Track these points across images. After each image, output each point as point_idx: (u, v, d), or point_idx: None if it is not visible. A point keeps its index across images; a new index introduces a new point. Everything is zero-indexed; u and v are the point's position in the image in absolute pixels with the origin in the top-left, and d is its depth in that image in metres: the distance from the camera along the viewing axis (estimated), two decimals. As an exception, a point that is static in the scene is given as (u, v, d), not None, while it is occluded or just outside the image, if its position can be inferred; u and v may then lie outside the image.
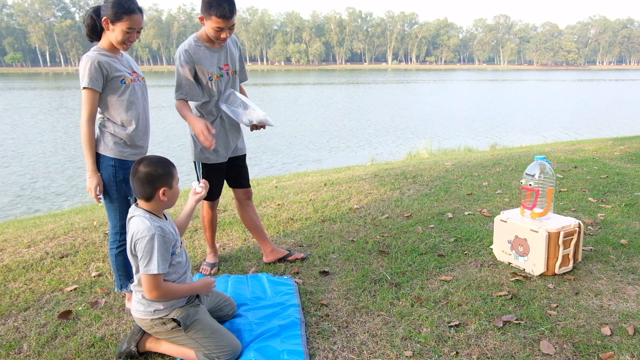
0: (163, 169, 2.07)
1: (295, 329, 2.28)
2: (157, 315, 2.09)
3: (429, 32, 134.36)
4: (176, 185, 2.13)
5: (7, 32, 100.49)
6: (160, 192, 2.06)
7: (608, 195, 4.40)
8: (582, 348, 2.12)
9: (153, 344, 2.18)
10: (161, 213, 2.15)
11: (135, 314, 2.14)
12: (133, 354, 2.14)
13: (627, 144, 7.43)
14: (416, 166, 6.12)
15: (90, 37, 2.46)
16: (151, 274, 1.97)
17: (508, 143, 12.80)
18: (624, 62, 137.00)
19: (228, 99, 2.83)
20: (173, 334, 2.11)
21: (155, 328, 2.11)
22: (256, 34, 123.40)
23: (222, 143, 2.90)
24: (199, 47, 2.73)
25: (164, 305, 2.09)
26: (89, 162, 2.41)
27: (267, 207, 4.43)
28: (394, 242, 3.42)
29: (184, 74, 2.71)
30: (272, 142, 14.73)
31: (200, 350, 2.08)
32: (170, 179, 2.09)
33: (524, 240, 2.86)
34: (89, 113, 2.38)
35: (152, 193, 2.06)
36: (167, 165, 2.10)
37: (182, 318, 2.08)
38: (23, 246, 3.62)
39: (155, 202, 2.08)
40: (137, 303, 2.13)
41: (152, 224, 2.01)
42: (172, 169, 2.11)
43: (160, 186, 2.05)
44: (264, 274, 2.92)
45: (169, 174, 2.08)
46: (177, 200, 2.20)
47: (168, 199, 2.10)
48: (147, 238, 1.97)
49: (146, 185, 2.04)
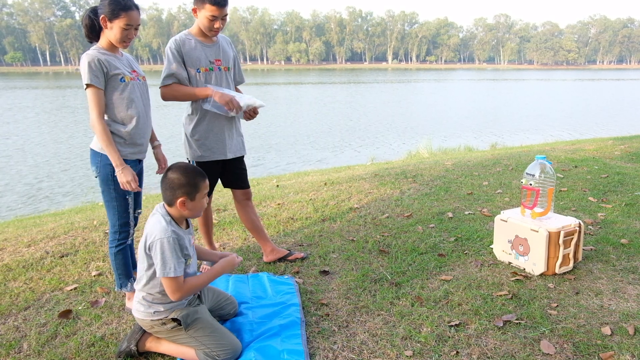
0: (188, 179, 2.04)
1: (296, 329, 2.28)
2: (156, 316, 2.09)
3: (429, 31, 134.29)
4: (201, 198, 2.09)
5: (7, 31, 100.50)
6: (178, 202, 2.04)
7: (608, 195, 4.40)
8: (582, 348, 2.12)
9: (153, 344, 2.18)
10: (181, 221, 2.14)
11: (136, 314, 2.14)
12: (133, 353, 2.14)
13: (627, 144, 7.42)
14: (416, 166, 6.12)
15: (89, 37, 2.46)
16: (170, 277, 1.98)
17: (508, 142, 12.80)
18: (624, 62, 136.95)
19: (209, 101, 2.78)
20: (173, 333, 2.11)
21: (156, 328, 2.11)
22: (256, 33, 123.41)
23: (218, 140, 2.88)
24: (189, 40, 2.76)
25: (164, 307, 2.09)
26: (114, 157, 2.38)
27: (267, 207, 4.43)
28: (394, 241, 3.42)
29: (170, 60, 2.73)
30: (272, 142, 14.72)
31: (200, 349, 2.08)
32: (194, 190, 2.05)
33: (524, 239, 2.86)
34: (98, 111, 2.37)
35: (171, 200, 2.06)
36: (194, 177, 2.06)
37: (183, 317, 2.08)
38: (23, 245, 3.61)
39: (175, 209, 2.08)
40: (137, 303, 2.13)
41: (168, 227, 2.01)
42: (199, 181, 2.07)
43: (181, 195, 2.04)
44: (265, 274, 2.92)
45: (193, 185, 2.05)
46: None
47: (188, 210, 2.07)
48: (160, 241, 1.98)
49: (167, 191, 2.05)
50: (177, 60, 2.72)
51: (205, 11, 2.64)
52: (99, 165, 2.45)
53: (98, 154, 2.45)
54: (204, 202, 2.13)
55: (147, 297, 2.10)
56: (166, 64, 2.75)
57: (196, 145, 2.85)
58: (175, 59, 2.72)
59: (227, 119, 2.89)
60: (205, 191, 2.12)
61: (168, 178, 2.05)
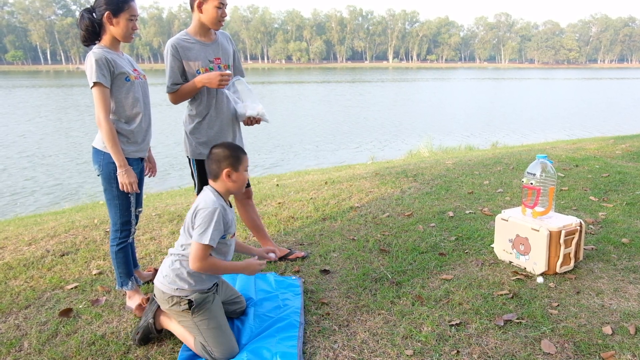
0: (231, 152, 2.19)
1: (293, 331, 2.26)
2: (177, 293, 2.13)
3: (430, 30, 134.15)
4: (243, 171, 2.23)
5: (8, 30, 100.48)
6: (224, 173, 2.16)
7: (609, 194, 4.39)
8: (583, 347, 2.11)
9: (166, 320, 2.24)
10: (227, 197, 2.24)
11: (158, 284, 2.17)
12: (150, 328, 2.20)
13: (628, 143, 7.41)
14: (417, 165, 6.12)
15: (88, 39, 2.43)
16: (202, 243, 2.05)
17: (509, 141, 12.78)
18: (626, 61, 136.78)
19: (230, 87, 2.82)
20: (182, 315, 2.14)
21: (170, 304, 2.14)
22: (257, 32, 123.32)
23: (218, 138, 2.87)
24: (187, 40, 2.74)
25: (188, 286, 2.13)
26: (118, 158, 2.39)
27: (267, 206, 4.43)
28: (395, 240, 3.41)
29: (172, 66, 2.72)
30: (272, 141, 14.72)
31: (198, 339, 2.11)
32: (237, 162, 2.19)
33: (525, 239, 2.85)
34: (105, 110, 2.37)
35: (217, 172, 2.18)
36: (236, 150, 2.22)
37: (197, 299, 2.12)
38: (24, 244, 3.62)
39: (221, 182, 2.19)
40: (165, 276, 2.16)
41: (217, 200, 2.13)
42: (241, 154, 2.23)
43: (225, 167, 2.17)
44: (272, 274, 2.91)
45: (236, 157, 2.19)
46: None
47: (233, 182, 2.20)
48: (209, 209, 2.07)
49: (213, 164, 2.18)
50: (177, 64, 2.71)
51: (213, 1, 2.64)
52: (102, 164, 2.45)
53: (100, 152, 2.45)
54: (246, 175, 2.26)
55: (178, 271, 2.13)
56: (168, 71, 2.74)
57: (196, 144, 2.85)
58: (175, 62, 2.71)
59: (227, 117, 2.88)
60: (246, 165, 2.25)
61: (213, 153, 2.20)
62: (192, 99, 2.83)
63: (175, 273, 2.14)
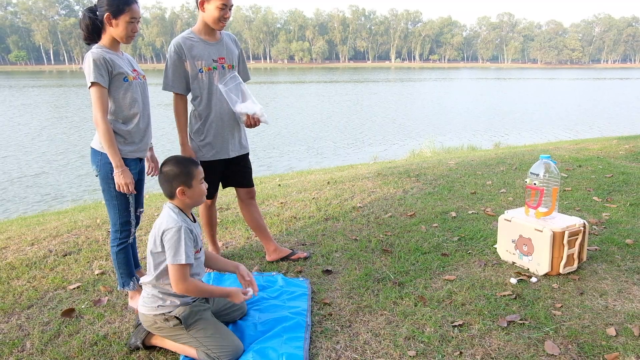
0: (180, 169, 2.13)
1: (300, 331, 2.25)
2: (159, 311, 2.10)
3: (432, 30, 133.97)
4: (198, 184, 2.17)
5: (12, 30, 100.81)
6: (177, 192, 2.12)
7: (613, 195, 4.37)
8: (587, 349, 2.10)
9: (159, 340, 2.20)
10: (188, 212, 2.21)
11: (141, 309, 2.16)
12: (139, 347, 2.18)
13: (632, 143, 7.38)
14: (419, 165, 6.10)
15: (89, 38, 2.44)
16: (179, 264, 2.03)
17: (512, 142, 12.74)
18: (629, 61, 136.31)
19: (227, 82, 2.79)
20: (175, 332, 2.11)
21: (159, 324, 2.11)
22: (259, 32, 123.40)
23: (219, 139, 2.87)
24: (192, 39, 2.74)
25: (170, 302, 2.11)
26: (114, 158, 2.39)
27: (270, 206, 4.42)
28: (397, 241, 3.40)
29: (171, 64, 2.72)
30: (274, 140, 14.72)
31: (201, 350, 2.08)
32: (189, 178, 2.14)
33: (528, 239, 2.84)
34: (102, 110, 2.36)
35: (171, 191, 2.14)
36: (186, 165, 2.15)
37: (184, 317, 2.09)
38: (26, 244, 3.62)
39: (177, 201, 2.16)
40: (143, 298, 2.15)
41: (178, 217, 2.09)
42: (192, 167, 2.16)
43: (177, 186, 2.12)
44: (280, 275, 2.89)
45: (186, 174, 2.14)
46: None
47: (189, 197, 2.15)
48: (174, 229, 2.05)
49: (165, 184, 2.14)
50: (175, 63, 2.71)
51: (215, 1, 2.63)
52: (100, 164, 2.45)
53: (98, 153, 2.45)
54: (202, 187, 2.21)
55: (157, 288, 2.12)
56: (170, 72, 2.73)
57: (199, 145, 2.85)
58: (173, 62, 2.71)
59: (228, 119, 2.87)
60: (200, 177, 2.19)
61: (163, 172, 2.15)
62: (193, 98, 2.83)
63: (152, 293, 2.13)
